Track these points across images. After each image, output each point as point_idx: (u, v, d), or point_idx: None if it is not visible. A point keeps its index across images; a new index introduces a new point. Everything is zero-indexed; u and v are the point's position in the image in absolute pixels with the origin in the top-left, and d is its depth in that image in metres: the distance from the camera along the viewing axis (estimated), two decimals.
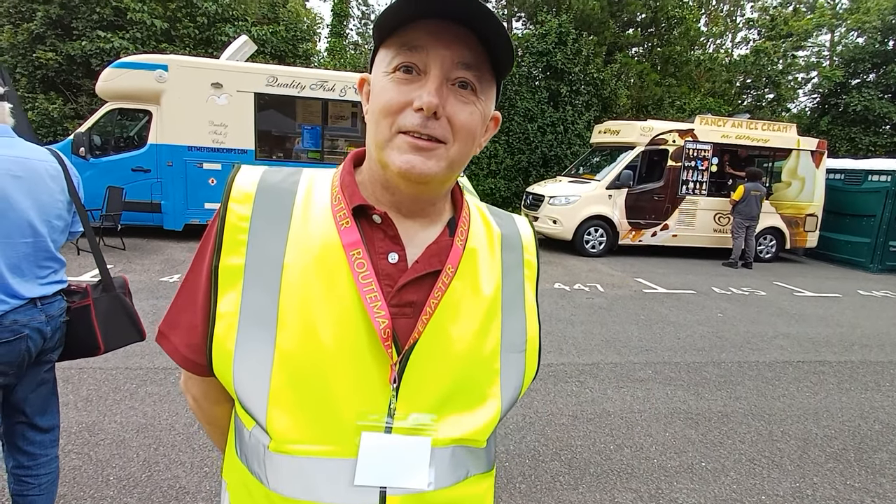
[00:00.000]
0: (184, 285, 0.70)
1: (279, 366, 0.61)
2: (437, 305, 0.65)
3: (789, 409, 3.70)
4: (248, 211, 0.66)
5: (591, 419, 3.32)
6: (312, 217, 0.67)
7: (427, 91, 0.60)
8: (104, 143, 7.97)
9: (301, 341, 0.61)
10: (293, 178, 0.71)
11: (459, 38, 0.61)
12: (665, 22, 15.47)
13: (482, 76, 0.64)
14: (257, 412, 0.62)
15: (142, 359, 3.71)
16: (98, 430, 2.79)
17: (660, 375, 4.12)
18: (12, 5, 10.18)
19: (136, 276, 5.91)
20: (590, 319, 5.46)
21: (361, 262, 0.63)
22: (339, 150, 8.68)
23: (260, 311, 0.63)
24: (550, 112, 12.53)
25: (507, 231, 0.79)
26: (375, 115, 0.64)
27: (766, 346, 5.03)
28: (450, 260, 0.67)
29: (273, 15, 12.51)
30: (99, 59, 9.96)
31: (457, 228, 0.71)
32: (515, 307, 0.74)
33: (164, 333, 0.71)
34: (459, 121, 0.63)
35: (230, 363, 0.63)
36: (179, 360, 0.70)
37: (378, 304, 0.62)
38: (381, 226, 0.67)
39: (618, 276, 7.76)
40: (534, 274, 0.80)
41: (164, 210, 7.88)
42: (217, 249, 0.65)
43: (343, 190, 0.68)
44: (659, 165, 9.47)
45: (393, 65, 0.63)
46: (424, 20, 0.61)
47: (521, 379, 0.73)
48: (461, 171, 0.70)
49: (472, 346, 0.67)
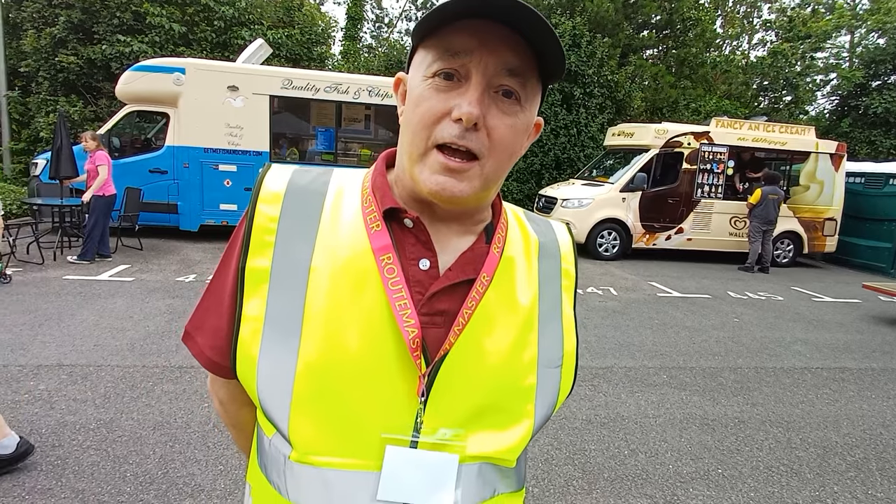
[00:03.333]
0: (210, 286, 0.70)
1: (303, 374, 0.59)
2: (471, 316, 0.62)
3: (808, 416, 3.63)
4: (277, 212, 0.65)
5: (604, 423, 3.29)
6: (342, 219, 0.65)
7: (468, 100, 0.57)
8: (122, 145, 8.11)
9: (326, 350, 0.59)
10: (323, 179, 0.69)
11: (505, 42, 0.57)
12: (680, 24, 15.33)
13: (527, 83, 0.60)
14: (279, 420, 0.61)
15: (158, 357, 3.76)
16: (115, 426, 2.83)
17: (675, 380, 4.07)
18: (36, 10, 10.42)
19: (153, 275, 6.00)
20: (603, 323, 5.42)
21: (391, 268, 0.61)
22: (353, 152, 8.74)
23: (285, 317, 0.61)
24: (564, 114, 12.48)
25: (544, 238, 0.76)
26: (412, 124, 0.61)
27: (784, 352, 4.95)
28: (485, 268, 0.65)
29: (289, 19, 12.64)
30: (119, 62, 10.14)
31: (494, 235, 0.68)
32: (553, 319, 0.71)
33: (189, 334, 0.70)
34: (499, 134, 0.59)
35: (254, 369, 0.61)
36: (204, 363, 0.69)
37: (408, 311, 0.59)
38: (412, 230, 0.65)
39: (631, 279, 7.70)
40: (572, 284, 0.76)
41: (180, 211, 7.99)
42: (244, 250, 0.64)
43: (374, 192, 0.66)
44: (674, 168, 9.37)
45: (433, 69, 0.59)
46: (468, 20, 0.57)
47: (555, 396, 0.70)
48: (499, 185, 0.67)
49: (506, 359, 0.64)
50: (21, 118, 10.88)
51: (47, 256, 6.21)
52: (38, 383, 3.25)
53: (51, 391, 3.16)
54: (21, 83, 11.03)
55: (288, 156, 8.36)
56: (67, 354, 3.69)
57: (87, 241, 6.21)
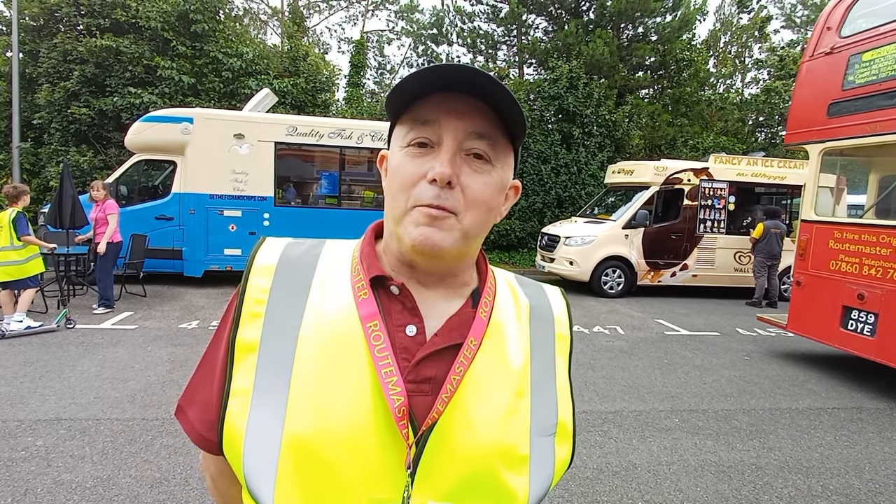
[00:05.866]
0: (203, 359, 0.69)
1: (287, 450, 0.58)
2: (459, 382, 0.61)
3: (828, 460, 3.50)
4: (268, 284, 0.65)
5: (616, 472, 3.17)
6: (331, 289, 0.65)
7: (440, 162, 0.60)
8: (130, 193, 8.26)
9: (310, 421, 0.58)
10: (315, 251, 0.70)
11: (471, 109, 0.61)
12: (674, 64, 15.76)
13: (496, 144, 0.63)
14: (264, 497, 0.58)
15: (158, 409, 3.69)
16: (112, 484, 2.75)
17: (687, 424, 3.96)
18: (51, 66, 10.83)
19: (156, 322, 5.98)
20: (611, 364, 5.32)
21: (378, 335, 0.61)
22: (356, 194, 8.86)
23: (271, 389, 0.60)
24: (563, 153, 12.68)
25: (535, 302, 0.75)
26: (392, 190, 0.64)
27: (798, 391, 4.82)
28: (472, 332, 0.64)
29: (294, 68, 13.08)
30: (129, 113, 10.46)
31: (480, 299, 0.68)
32: (546, 385, 0.69)
33: (182, 408, 0.70)
34: (473, 191, 0.62)
35: (240, 444, 0.60)
36: (194, 438, 0.68)
37: (393, 379, 0.58)
38: (399, 297, 0.65)
39: (638, 317, 7.61)
40: (566, 348, 0.74)
41: (185, 257, 8.05)
42: (235, 323, 0.64)
43: (363, 261, 0.67)
44: (675, 204, 9.43)
45: (407, 139, 0.63)
46: (436, 94, 0.61)
47: (552, 467, 0.67)
48: (479, 242, 0.68)
49: (497, 427, 0.62)
50: (32, 168, 11.13)
51: (51, 305, 6.22)
52: (35, 439, 3.18)
53: (48, 447, 3.09)
54: (34, 134, 11.35)
55: (293, 200, 8.47)
56: (67, 408, 3.63)
57: (103, 288, 6.29)
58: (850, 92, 5.14)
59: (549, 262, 9.54)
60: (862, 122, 5.02)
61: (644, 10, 15.04)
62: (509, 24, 17.06)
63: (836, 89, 5.30)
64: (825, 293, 5.34)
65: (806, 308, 5.60)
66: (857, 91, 5.08)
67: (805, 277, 5.61)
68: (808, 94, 5.74)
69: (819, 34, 5.60)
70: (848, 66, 5.17)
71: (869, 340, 4.85)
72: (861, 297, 4.92)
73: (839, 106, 5.29)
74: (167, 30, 11.05)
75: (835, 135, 5.34)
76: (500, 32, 17.69)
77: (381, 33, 23.00)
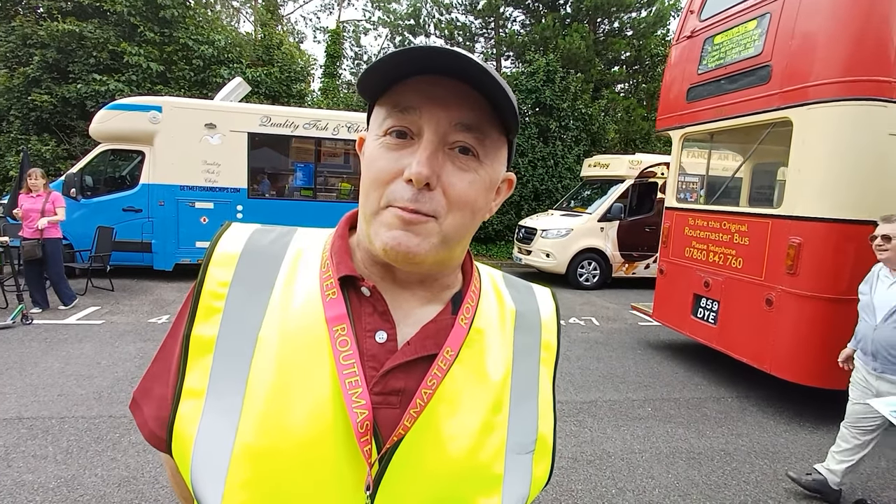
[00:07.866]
0: (160, 351, 0.64)
1: (237, 462, 0.52)
2: (431, 396, 0.55)
3: (793, 444, 3.62)
4: (229, 276, 0.59)
5: (591, 461, 3.22)
6: (297, 285, 0.59)
7: (417, 160, 0.52)
8: (96, 184, 7.97)
9: (265, 432, 0.52)
10: (283, 240, 0.64)
11: (458, 97, 0.53)
12: (649, 60, 15.97)
13: (486, 137, 0.56)
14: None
15: (125, 406, 3.56)
16: (77, 484, 2.66)
17: (659, 413, 4.04)
18: (9, 50, 10.35)
19: (124, 317, 5.80)
20: (586, 354, 5.39)
21: (345, 340, 0.55)
22: (332, 186, 8.75)
23: (226, 393, 0.54)
24: (541, 147, 12.75)
25: (523, 307, 0.69)
26: (365, 184, 0.57)
27: (765, 378, 4.96)
28: (449, 342, 0.58)
29: (268, 57, 12.79)
30: (94, 100, 10.07)
31: (462, 305, 0.62)
32: (527, 399, 0.63)
33: (136, 401, 0.64)
34: (457, 192, 0.54)
35: (189, 450, 0.54)
36: (147, 435, 0.62)
37: (358, 391, 0.53)
38: (370, 299, 0.59)
39: (613, 308, 7.73)
40: (552, 357, 0.69)
41: (154, 249, 7.82)
42: (191, 317, 0.58)
43: (332, 256, 0.61)
44: (649, 197, 9.58)
45: (384, 127, 0.55)
46: (416, 77, 0.54)
47: (527, 487, 0.61)
48: (464, 245, 0.61)
49: (470, 446, 0.56)
50: None
51: (11, 300, 5.98)
52: None
53: (8, 447, 2.97)
54: None
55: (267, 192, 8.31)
56: (28, 406, 3.50)
57: (60, 287, 6.00)
58: (704, 76, 4.91)
59: (526, 255, 9.60)
60: (711, 106, 4.77)
61: (620, 6, 15.19)
62: (487, 16, 17.02)
63: (693, 73, 5.06)
64: (681, 281, 5.11)
65: (667, 297, 5.38)
66: (709, 75, 4.83)
67: (667, 265, 5.38)
68: (673, 79, 5.51)
69: (684, 17, 5.38)
70: (703, 49, 4.93)
71: (712, 328, 4.66)
72: (707, 285, 4.72)
73: (695, 90, 5.04)
74: (134, 14, 10.67)
75: (692, 119, 5.08)
76: (478, 24, 17.62)
77: (358, 23, 22.72)
